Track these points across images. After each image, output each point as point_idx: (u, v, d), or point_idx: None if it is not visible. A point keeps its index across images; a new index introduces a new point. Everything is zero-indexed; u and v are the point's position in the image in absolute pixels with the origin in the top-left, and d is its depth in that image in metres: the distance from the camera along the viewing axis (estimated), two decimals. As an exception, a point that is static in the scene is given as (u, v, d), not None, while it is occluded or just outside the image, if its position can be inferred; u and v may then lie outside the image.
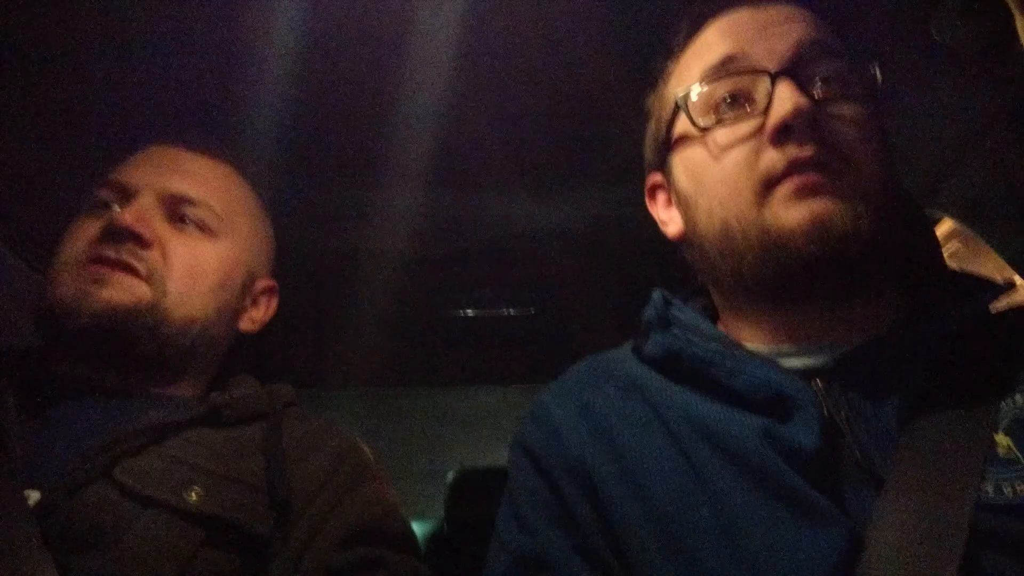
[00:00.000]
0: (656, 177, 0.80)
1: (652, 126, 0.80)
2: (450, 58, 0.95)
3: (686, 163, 0.72)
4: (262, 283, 0.97)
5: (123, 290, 0.79)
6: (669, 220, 0.78)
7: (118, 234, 0.80)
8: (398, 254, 1.43)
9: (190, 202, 0.87)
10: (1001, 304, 0.62)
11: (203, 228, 0.88)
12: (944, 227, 1.17)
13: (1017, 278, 0.96)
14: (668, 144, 0.74)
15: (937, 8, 0.86)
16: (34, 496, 0.67)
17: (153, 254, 0.82)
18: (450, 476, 2.17)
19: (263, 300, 0.98)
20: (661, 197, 0.79)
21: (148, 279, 0.81)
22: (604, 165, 1.20)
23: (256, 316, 0.96)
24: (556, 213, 1.34)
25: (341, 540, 0.74)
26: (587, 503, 0.64)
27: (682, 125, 0.72)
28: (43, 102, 1.02)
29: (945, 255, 1.04)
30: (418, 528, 1.87)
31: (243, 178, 0.97)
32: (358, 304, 1.60)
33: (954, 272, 0.71)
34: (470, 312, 1.80)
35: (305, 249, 1.37)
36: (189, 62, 0.96)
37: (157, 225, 0.84)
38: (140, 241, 0.81)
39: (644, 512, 0.60)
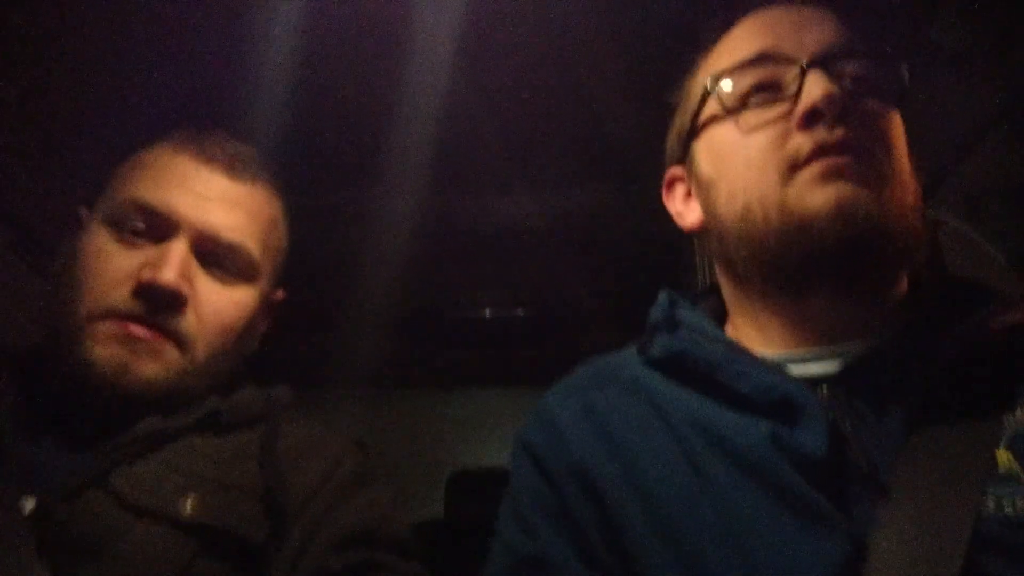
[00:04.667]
0: (676, 171, 0.79)
1: (677, 119, 0.80)
2: (450, 59, 0.95)
3: (710, 147, 0.72)
4: (273, 297, 0.94)
5: (157, 360, 0.75)
6: (687, 211, 0.77)
7: (158, 294, 0.75)
8: (398, 254, 1.43)
9: (230, 249, 0.80)
10: (1008, 317, 0.61)
11: (239, 276, 0.82)
12: (944, 227, 1.17)
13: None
14: (693, 132, 0.74)
15: (937, 8, 0.86)
16: (29, 503, 0.66)
17: (189, 317, 0.77)
18: (449, 476, 2.17)
19: (270, 312, 0.96)
20: (680, 190, 0.79)
21: (178, 341, 0.77)
22: (605, 166, 1.20)
23: (264, 327, 0.93)
24: (556, 213, 1.34)
25: (336, 544, 0.73)
26: (589, 505, 0.64)
27: (709, 110, 0.72)
28: (45, 101, 1.02)
29: (945, 255, 1.04)
30: (418, 528, 1.87)
31: (277, 196, 0.90)
32: (358, 304, 1.60)
33: (961, 279, 0.71)
34: (470, 312, 1.80)
35: (306, 250, 1.37)
36: (191, 62, 0.96)
37: (194, 276, 0.78)
38: (178, 301, 0.76)
39: (647, 515, 0.60)
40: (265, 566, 0.70)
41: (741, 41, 0.71)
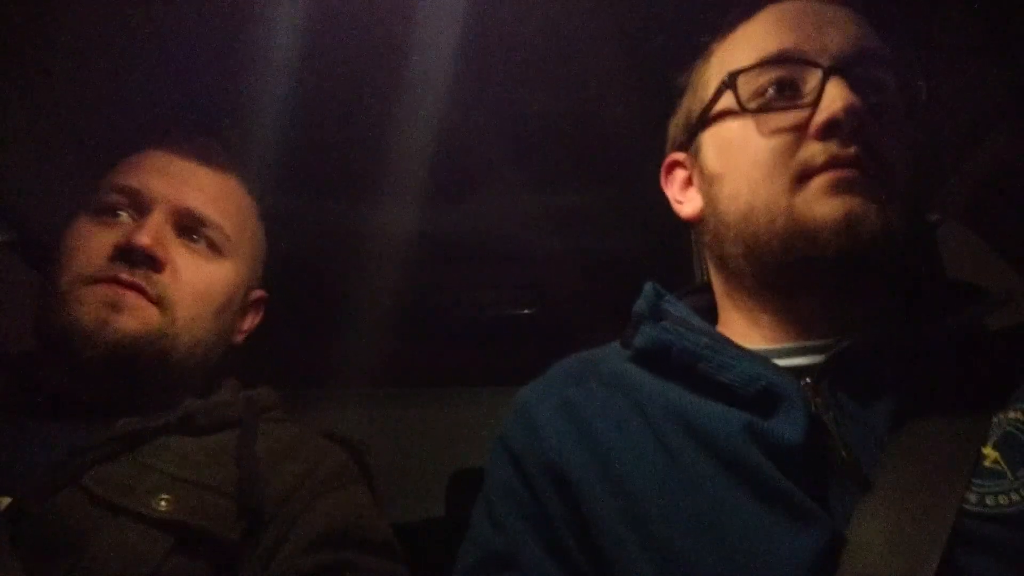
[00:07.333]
0: (677, 156, 0.78)
1: (685, 103, 0.79)
2: (452, 59, 0.95)
3: (719, 141, 0.71)
4: (254, 294, 0.97)
5: (136, 317, 0.78)
6: (685, 200, 0.77)
7: (134, 255, 0.79)
8: (398, 254, 1.43)
9: (203, 222, 0.86)
10: (1002, 318, 0.62)
11: (213, 248, 0.87)
12: (944, 227, 1.16)
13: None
14: (704, 121, 0.73)
15: (939, 6, 0.86)
16: (4, 502, 0.67)
17: (164, 277, 0.81)
18: (450, 476, 2.17)
19: (252, 311, 0.98)
20: (679, 176, 0.78)
21: (158, 303, 0.80)
22: (605, 166, 1.20)
23: (245, 327, 0.97)
24: (556, 213, 1.34)
25: (308, 544, 0.74)
26: (563, 503, 0.63)
27: (724, 103, 0.71)
28: (44, 101, 1.02)
29: (944, 256, 1.04)
30: (418, 528, 1.87)
31: (247, 191, 0.96)
32: (358, 304, 1.60)
33: (954, 280, 0.71)
34: (470, 312, 1.80)
35: (305, 250, 1.37)
36: (191, 63, 0.96)
37: (170, 244, 0.83)
38: (154, 263, 0.80)
39: (623, 508, 0.60)
40: (239, 566, 0.71)
41: (762, 35, 0.70)
